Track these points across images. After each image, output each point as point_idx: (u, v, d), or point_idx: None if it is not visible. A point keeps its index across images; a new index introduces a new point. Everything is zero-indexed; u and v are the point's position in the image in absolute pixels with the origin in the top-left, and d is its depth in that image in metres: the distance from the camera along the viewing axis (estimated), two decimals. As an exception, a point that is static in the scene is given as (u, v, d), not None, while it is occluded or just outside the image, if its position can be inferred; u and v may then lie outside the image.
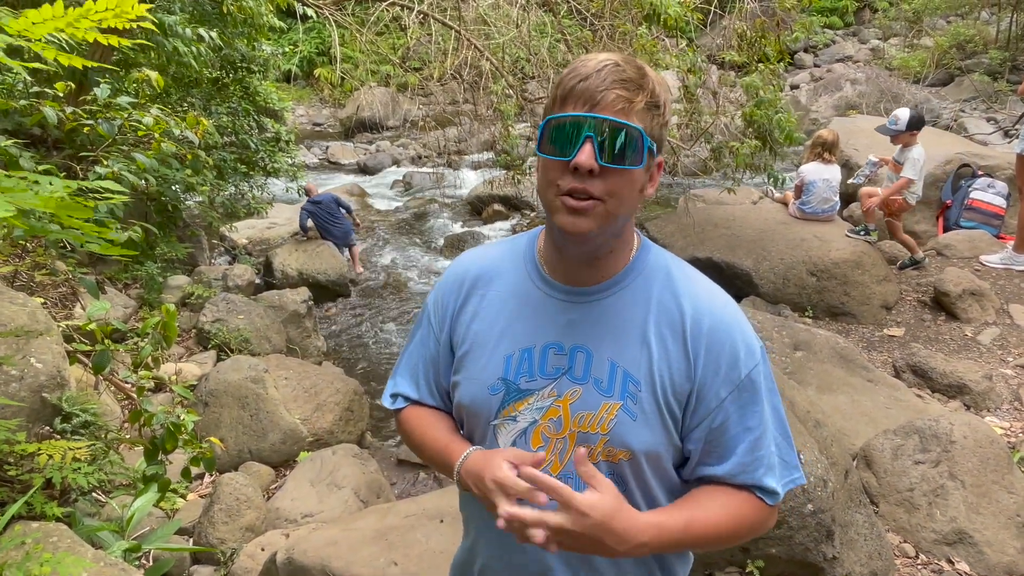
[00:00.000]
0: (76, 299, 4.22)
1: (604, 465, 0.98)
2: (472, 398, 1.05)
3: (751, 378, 0.98)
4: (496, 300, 1.06)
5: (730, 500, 1.00)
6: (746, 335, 0.99)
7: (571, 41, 5.59)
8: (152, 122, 3.06)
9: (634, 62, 0.91)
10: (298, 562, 2.55)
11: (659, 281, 1.00)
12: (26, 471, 1.99)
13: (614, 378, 0.96)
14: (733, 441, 0.98)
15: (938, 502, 2.85)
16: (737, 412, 0.98)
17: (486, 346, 1.04)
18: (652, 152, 0.93)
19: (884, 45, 16.65)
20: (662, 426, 0.97)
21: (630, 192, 0.92)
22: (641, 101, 0.89)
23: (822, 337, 4.14)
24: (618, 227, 0.96)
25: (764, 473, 0.99)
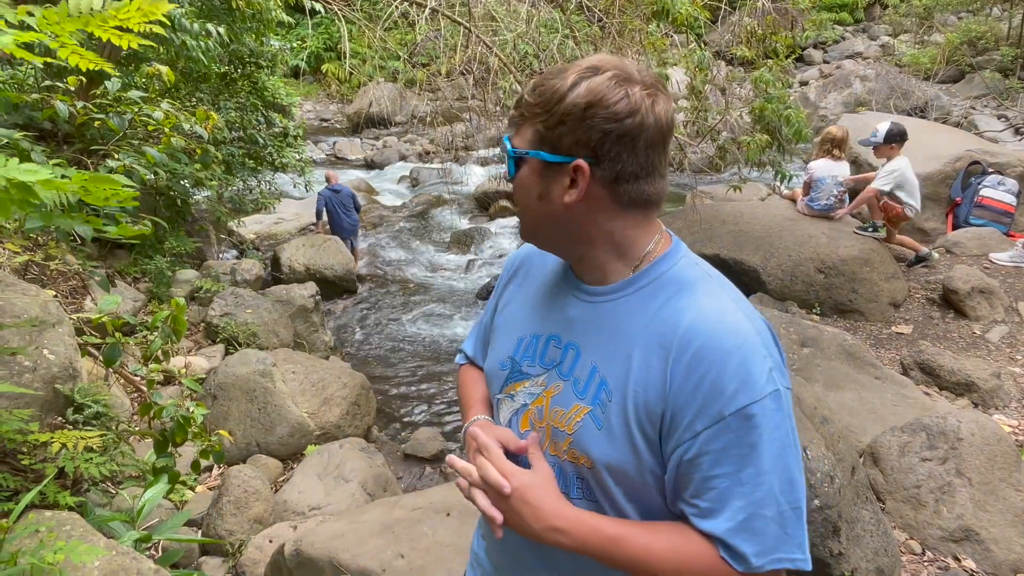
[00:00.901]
0: (87, 292, 4.25)
1: (569, 465, 0.97)
2: (489, 368, 1.13)
3: (744, 416, 0.84)
4: (532, 286, 1.11)
5: (687, 542, 0.88)
6: (747, 368, 0.84)
7: (580, 37, 5.58)
8: (162, 116, 3.08)
9: (559, 71, 0.94)
10: (306, 554, 2.57)
11: (669, 293, 0.93)
12: (39, 460, 2.02)
13: (591, 382, 0.95)
14: (707, 482, 0.86)
15: (945, 499, 2.85)
16: (716, 452, 0.85)
17: (510, 325, 1.12)
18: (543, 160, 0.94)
19: (894, 41, 16.54)
20: (629, 443, 0.90)
21: (525, 200, 0.98)
22: (523, 118, 0.95)
23: (830, 334, 4.13)
24: (552, 236, 0.99)
25: (731, 529, 0.85)
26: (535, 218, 0.98)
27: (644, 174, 0.92)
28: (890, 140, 5.10)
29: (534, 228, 1.00)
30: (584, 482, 0.97)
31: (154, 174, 3.76)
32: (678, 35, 5.60)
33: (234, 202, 7.19)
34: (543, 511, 0.91)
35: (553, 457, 0.99)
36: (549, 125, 0.92)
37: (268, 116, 7.34)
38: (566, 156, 0.92)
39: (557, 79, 0.92)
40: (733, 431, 0.84)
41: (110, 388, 3.18)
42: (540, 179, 0.95)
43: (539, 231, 1.00)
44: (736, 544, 0.85)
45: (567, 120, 0.90)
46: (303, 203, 9.72)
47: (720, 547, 0.86)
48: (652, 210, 0.97)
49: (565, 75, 0.92)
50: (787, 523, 0.86)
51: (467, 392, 1.22)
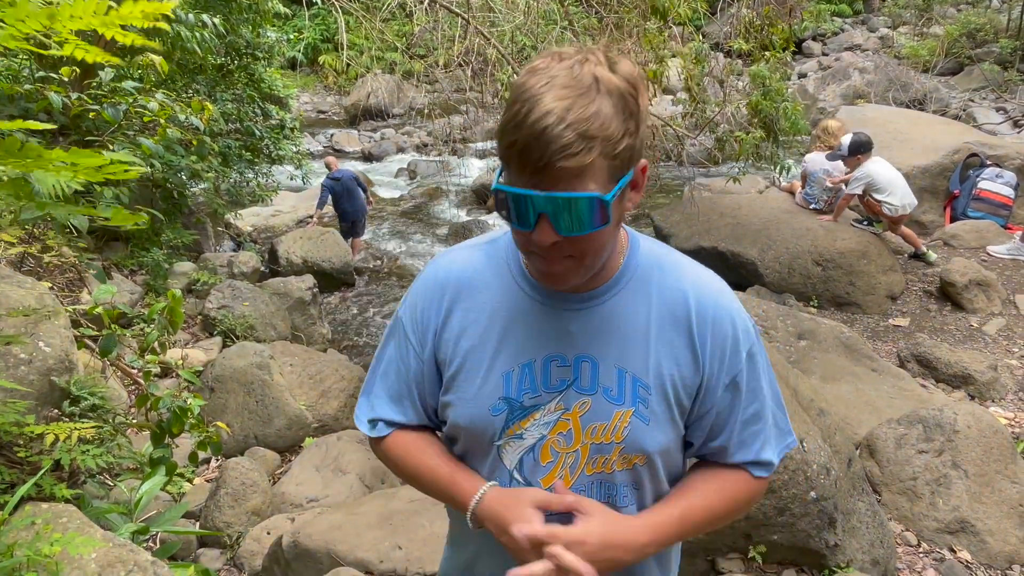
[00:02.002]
0: (83, 284, 4.24)
1: (619, 475, 0.97)
2: (471, 420, 0.98)
3: (750, 356, 1.00)
4: (484, 313, 0.98)
5: (724, 482, 1.03)
6: (742, 317, 1.00)
7: (578, 28, 5.55)
8: (157, 107, 3.05)
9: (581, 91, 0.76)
10: (303, 546, 2.58)
11: (655, 276, 0.98)
12: (35, 453, 2.01)
13: (623, 385, 0.94)
14: (735, 419, 1.00)
15: (941, 491, 2.86)
16: (740, 393, 0.99)
17: (481, 365, 0.97)
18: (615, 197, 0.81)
19: (893, 33, 16.50)
20: (672, 423, 0.98)
21: (604, 239, 0.85)
22: (592, 156, 0.76)
23: (827, 326, 4.13)
24: (600, 258, 0.89)
25: (762, 446, 1.02)
26: (607, 250, 0.88)
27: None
28: (855, 152, 5.19)
29: (592, 268, 0.88)
30: (631, 486, 1.00)
31: (150, 166, 3.74)
32: (677, 27, 5.58)
33: (231, 194, 7.16)
34: (628, 542, 0.93)
35: (595, 475, 0.97)
36: (630, 144, 0.79)
37: (265, 108, 7.31)
38: (633, 167, 0.83)
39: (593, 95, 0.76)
40: (748, 374, 1.00)
41: (107, 380, 3.17)
42: (620, 205, 0.84)
43: (595, 267, 0.89)
44: (765, 457, 1.03)
45: (640, 125, 0.81)
46: (300, 195, 9.68)
47: (751, 467, 1.03)
48: None
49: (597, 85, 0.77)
50: (779, 423, 1.06)
51: (428, 462, 1.03)
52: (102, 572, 1.66)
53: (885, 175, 5.17)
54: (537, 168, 0.77)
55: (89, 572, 1.64)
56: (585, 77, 0.77)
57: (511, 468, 0.98)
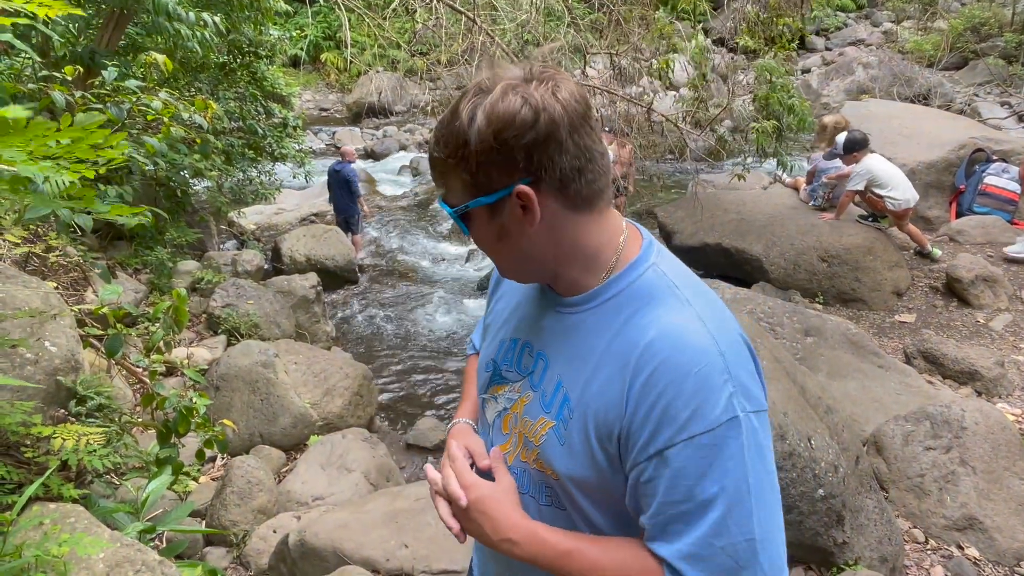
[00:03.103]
0: (88, 284, 4.24)
1: (537, 474, 0.97)
2: (478, 367, 1.13)
3: (694, 445, 0.81)
4: (519, 289, 1.10)
5: (634, 558, 0.88)
6: (704, 395, 0.81)
7: (582, 25, 5.53)
8: (161, 106, 3.05)
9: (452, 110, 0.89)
10: (310, 544, 2.58)
11: (634, 307, 0.90)
12: (42, 453, 2.01)
13: (555, 396, 0.94)
14: (659, 505, 0.85)
15: (949, 488, 2.85)
16: (666, 475, 0.82)
17: (497, 325, 1.11)
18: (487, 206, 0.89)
19: (897, 28, 16.42)
20: (590, 459, 0.89)
21: (487, 247, 0.97)
22: (444, 174, 0.92)
23: (833, 323, 4.12)
24: (525, 268, 0.97)
25: (680, 554, 0.83)
26: (507, 259, 0.97)
27: (584, 161, 0.86)
28: (850, 150, 5.20)
29: (511, 267, 0.99)
30: (551, 490, 0.97)
31: (154, 164, 3.74)
32: (680, 23, 5.55)
33: (234, 193, 7.16)
34: (498, 523, 0.93)
35: (524, 464, 0.99)
36: (470, 170, 0.87)
37: (267, 106, 7.30)
38: (503, 189, 0.87)
39: (454, 120, 0.87)
40: (683, 459, 0.81)
41: (112, 380, 3.17)
42: (492, 222, 0.91)
43: (516, 268, 0.98)
44: (681, 569, 0.83)
45: (483, 157, 0.85)
46: (303, 194, 9.68)
47: (667, 571, 0.84)
48: (603, 203, 0.91)
49: (458, 112, 0.86)
50: (738, 555, 0.82)
51: (465, 386, 1.27)
52: (110, 572, 1.65)
53: (885, 170, 5.16)
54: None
55: (97, 572, 1.64)
56: (455, 105, 0.89)
57: (490, 423, 1.07)
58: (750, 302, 4.00)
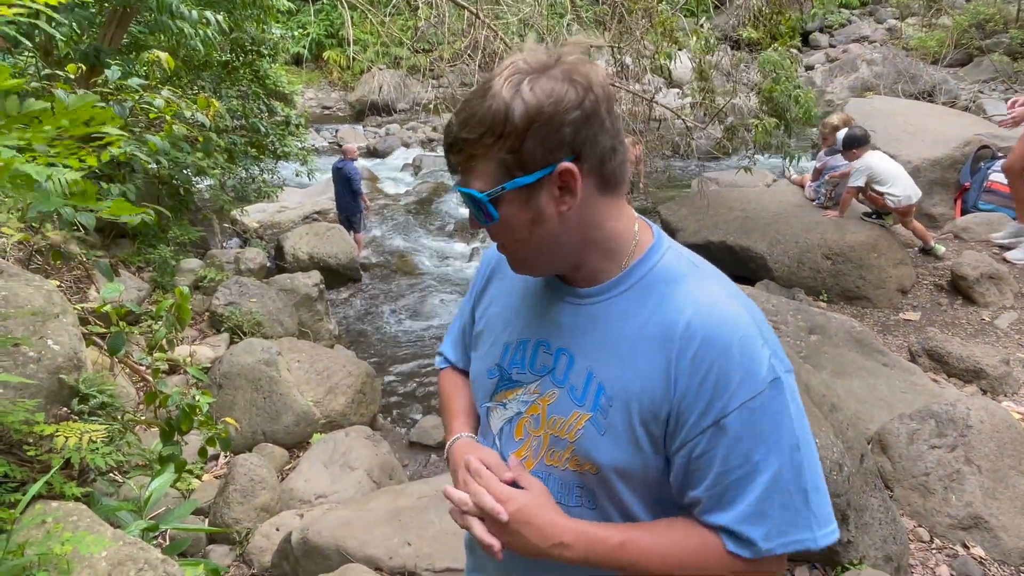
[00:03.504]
0: (90, 282, 4.25)
1: (572, 474, 0.95)
2: (476, 376, 1.09)
3: (747, 409, 0.84)
4: (513, 288, 1.07)
5: (689, 536, 0.89)
6: (749, 360, 0.85)
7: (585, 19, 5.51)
8: (163, 104, 3.04)
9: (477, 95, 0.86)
10: (313, 542, 2.57)
11: (661, 290, 0.91)
12: (45, 451, 2.01)
13: (588, 388, 0.93)
14: (716, 476, 0.87)
15: (954, 487, 2.83)
16: (723, 444, 0.85)
17: (494, 330, 1.08)
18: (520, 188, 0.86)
19: (901, 25, 16.34)
20: (634, 445, 0.89)
21: (517, 234, 0.91)
22: (463, 157, 0.88)
23: (837, 321, 4.10)
24: (551, 257, 0.93)
25: (743, 518, 0.86)
26: (533, 247, 0.92)
27: (617, 142, 0.90)
28: (850, 146, 5.18)
29: (532, 258, 0.94)
30: (585, 489, 0.95)
31: (156, 162, 3.73)
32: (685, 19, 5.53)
33: (237, 191, 7.16)
34: (544, 529, 0.89)
35: (550, 467, 0.96)
36: (512, 148, 0.84)
37: (270, 104, 7.29)
38: (545, 168, 0.85)
39: (485, 100, 0.84)
40: (739, 425, 0.85)
41: (115, 378, 3.17)
42: (527, 205, 0.88)
43: (537, 258, 0.94)
44: (743, 531, 0.86)
45: (529, 133, 0.84)
46: (306, 191, 9.68)
47: (726, 537, 0.87)
48: (624, 189, 0.94)
49: (491, 92, 0.84)
50: (794, 507, 0.86)
51: (449, 401, 1.20)
52: (112, 570, 1.65)
53: (885, 167, 5.13)
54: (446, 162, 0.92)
55: (100, 570, 1.63)
56: (488, 82, 0.86)
57: (495, 432, 1.04)
58: (754, 300, 3.98)
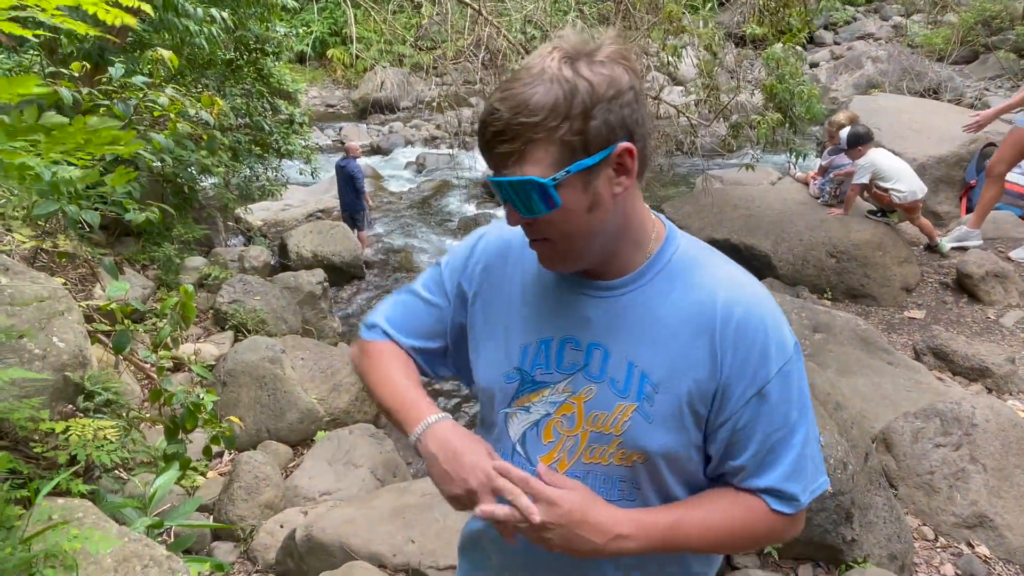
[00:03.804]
0: (95, 280, 4.26)
1: (617, 468, 0.95)
2: (488, 382, 1.03)
3: (782, 375, 0.91)
4: (515, 284, 1.03)
5: (734, 505, 0.94)
6: (779, 330, 0.92)
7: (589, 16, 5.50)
8: (167, 102, 3.05)
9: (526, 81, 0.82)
10: (317, 539, 2.58)
11: (685, 276, 0.94)
12: (50, 448, 2.02)
13: (630, 379, 0.93)
14: (756, 438, 0.92)
15: (959, 485, 2.82)
16: (764, 411, 0.92)
17: (504, 331, 1.02)
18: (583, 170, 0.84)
19: (907, 22, 16.26)
20: (681, 427, 0.92)
21: (572, 223, 0.87)
22: (521, 143, 0.82)
23: (842, 319, 4.09)
24: (596, 247, 0.90)
25: (785, 476, 0.93)
26: (584, 237, 0.88)
27: (649, 128, 0.91)
28: (854, 144, 5.17)
29: (579, 249, 0.89)
30: (627, 482, 0.96)
31: (160, 161, 3.74)
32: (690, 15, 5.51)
33: (241, 189, 7.17)
34: (602, 524, 0.88)
35: (590, 465, 0.96)
36: (578, 128, 0.82)
37: (274, 103, 7.30)
38: (606, 148, 0.84)
39: (539, 84, 0.81)
40: (777, 391, 0.92)
41: (120, 375, 3.18)
42: (587, 189, 0.85)
43: (584, 248, 0.90)
44: (787, 489, 0.93)
45: (597, 111, 0.82)
46: (309, 190, 9.69)
47: (770, 498, 0.94)
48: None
49: (547, 75, 0.82)
50: (816, 457, 0.97)
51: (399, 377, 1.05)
52: (118, 566, 1.66)
53: (889, 163, 5.12)
54: (487, 155, 0.86)
55: (105, 567, 1.64)
56: (535, 67, 0.83)
57: (515, 440, 1.00)
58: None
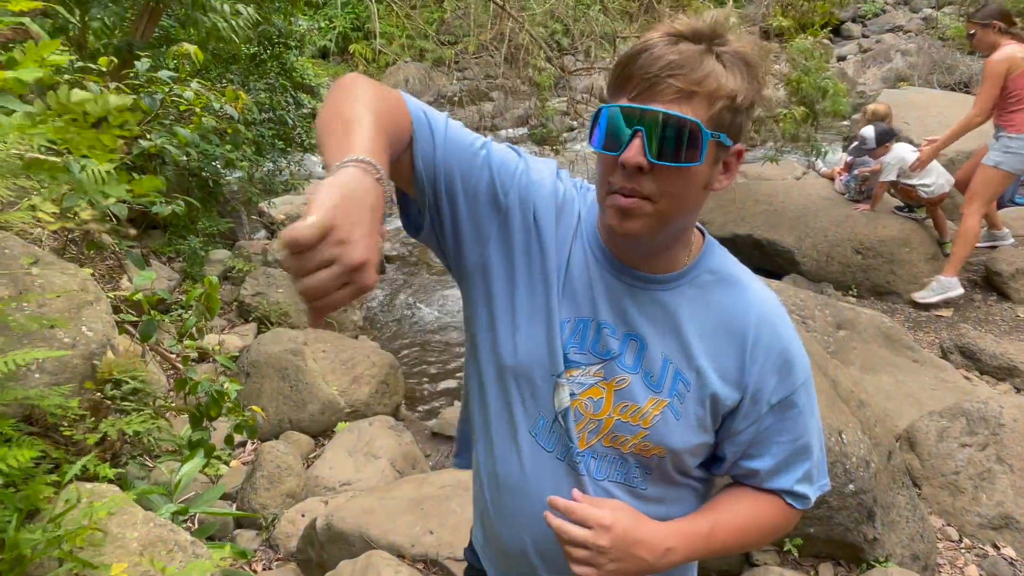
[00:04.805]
0: (122, 272, 4.35)
1: (634, 456, 0.97)
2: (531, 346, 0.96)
3: (806, 386, 0.99)
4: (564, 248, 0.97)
5: (757, 504, 1.02)
6: (800, 347, 1.00)
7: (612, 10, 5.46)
8: (193, 96, 3.09)
9: (713, 32, 0.81)
10: (337, 528, 2.61)
11: (726, 285, 0.97)
12: (79, 433, 2.07)
13: (665, 374, 0.94)
14: (778, 444, 0.99)
15: (984, 486, 2.77)
16: (785, 419, 0.98)
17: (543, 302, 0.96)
18: (720, 143, 0.83)
19: (938, 14, 15.88)
20: (701, 428, 0.96)
21: (688, 190, 0.84)
22: (708, 84, 0.79)
23: (867, 316, 4.03)
24: (674, 228, 0.90)
25: (801, 478, 1.01)
26: (684, 208, 0.87)
27: None
28: (882, 141, 5.08)
29: (666, 224, 0.87)
30: (641, 469, 0.99)
31: (186, 155, 3.80)
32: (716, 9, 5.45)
33: (264, 183, 7.25)
34: (652, 540, 0.91)
35: (609, 449, 0.97)
36: (738, 106, 0.82)
37: (297, 97, 7.35)
38: (735, 140, 0.86)
39: (721, 43, 0.81)
40: (797, 401, 0.98)
41: (146, 364, 3.25)
42: (713, 166, 0.86)
43: (669, 227, 0.88)
44: (800, 490, 1.01)
45: (753, 105, 0.85)
46: (332, 184, 9.75)
47: (786, 496, 1.01)
48: None
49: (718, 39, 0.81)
50: (823, 460, 1.04)
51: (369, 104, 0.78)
52: (144, 551, 1.70)
53: (915, 158, 5.02)
54: (647, 84, 0.79)
55: (132, 550, 1.68)
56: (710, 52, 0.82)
57: (558, 410, 0.97)
58: (781, 294, 3.92)
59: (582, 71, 5.62)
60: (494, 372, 1.00)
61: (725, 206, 5.96)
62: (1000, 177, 4.48)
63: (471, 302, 1.03)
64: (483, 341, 1.01)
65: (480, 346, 1.02)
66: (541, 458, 0.98)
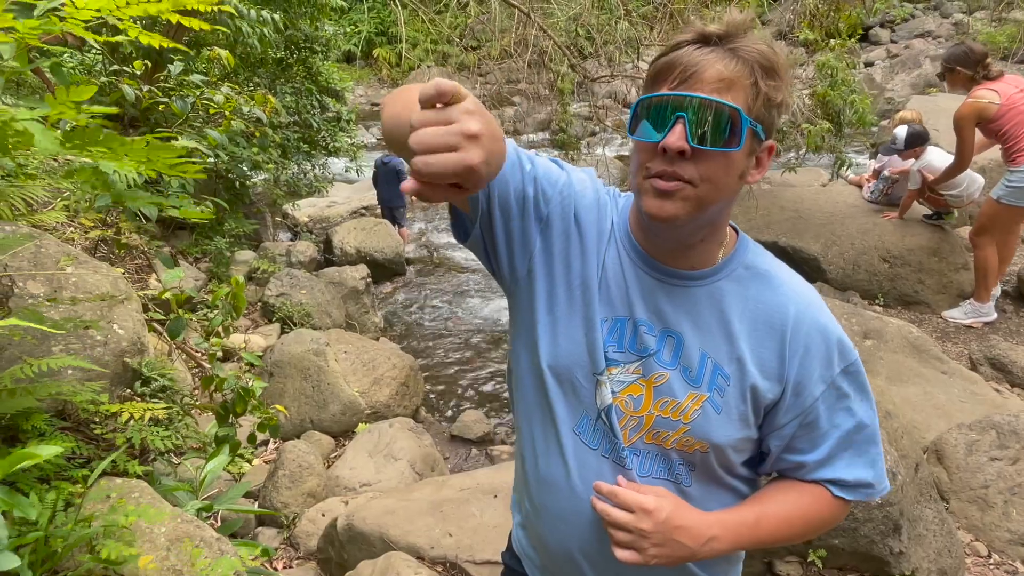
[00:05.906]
0: (151, 271, 4.43)
1: (676, 452, 0.97)
2: (571, 344, 0.99)
3: (851, 373, 0.97)
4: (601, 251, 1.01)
5: (801, 495, 1.00)
6: (840, 335, 0.98)
7: (635, 18, 5.45)
8: (223, 100, 3.15)
9: (743, 32, 0.85)
10: (357, 528, 2.63)
11: (760, 279, 0.98)
12: (110, 430, 2.11)
13: (703, 369, 0.95)
14: (822, 436, 0.98)
15: (1015, 501, 2.71)
16: (831, 409, 0.97)
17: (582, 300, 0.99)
18: (756, 134, 0.86)
19: (968, 19, 15.62)
20: (743, 422, 0.96)
21: (726, 177, 0.86)
22: (745, 77, 0.83)
23: (894, 326, 3.96)
24: (710, 215, 0.90)
25: (849, 464, 0.99)
26: (721, 199, 0.88)
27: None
28: (912, 145, 4.95)
29: (704, 209, 0.87)
30: (684, 466, 0.99)
31: (215, 156, 3.87)
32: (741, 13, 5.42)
33: (289, 185, 7.34)
34: (696, 528, 0.92)
35: (651, 445, 0.98)
36: (776, 100, 0.86)
37: (322, 101, 7.44)
38: (767, 134, 0.89)
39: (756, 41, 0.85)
40: (846, 387, 0.97)
41: (173, 362, 3.30)
42: (749, 155, 0.88)
43: (706, 213, 0.88)
44: (851, 477, 0.98)
45: (787, 102, 0.87)
46: (355, 187, 9.86)
47: (832, 486, 0.99)
48: None
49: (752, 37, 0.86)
50: (880, 454, 1.01)
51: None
52: (171, 545, 1.73)
53: (944, 165, 4.93)
54: (688, 73, 0.83)
55: (159, 545, 1.71)
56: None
57: (601, 407, 0.98)
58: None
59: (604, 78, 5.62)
60: (537, 373, 1.02)
61: (749, 212, 5.91)
62: (1003, 211, 4.43)
63: (516, 307, 1.06)
64: (526, 345, 1.04)
65: (523, 350, 1.05)
66: (586, 456, 1.00)
